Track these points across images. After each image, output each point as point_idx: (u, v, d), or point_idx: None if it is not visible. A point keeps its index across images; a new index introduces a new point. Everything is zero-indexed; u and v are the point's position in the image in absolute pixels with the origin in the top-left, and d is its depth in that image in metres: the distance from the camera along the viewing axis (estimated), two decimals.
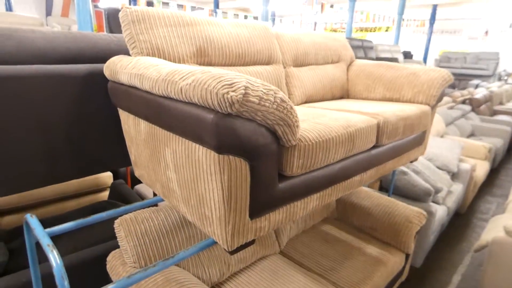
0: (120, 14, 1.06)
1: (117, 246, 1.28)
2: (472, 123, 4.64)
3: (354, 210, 1.81)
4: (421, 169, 2.21)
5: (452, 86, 11.01)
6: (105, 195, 2.17)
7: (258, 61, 1.34)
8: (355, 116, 1.10)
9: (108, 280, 1.18)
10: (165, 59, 1.07)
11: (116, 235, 1.13)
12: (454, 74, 10.87)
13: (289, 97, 1.45)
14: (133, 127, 1.06)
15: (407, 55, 9.42)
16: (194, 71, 0.72)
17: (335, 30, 14.79)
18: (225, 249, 0.80)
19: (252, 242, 0.87)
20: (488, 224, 2.10)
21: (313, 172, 0.95)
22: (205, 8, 8.03)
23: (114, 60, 1.04)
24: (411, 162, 1.65)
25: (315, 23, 13.38)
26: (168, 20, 1.09)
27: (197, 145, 0.75)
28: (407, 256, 1.68)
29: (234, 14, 8.77)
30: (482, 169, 3.09)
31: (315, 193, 0.99)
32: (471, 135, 4.50)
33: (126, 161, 1.26)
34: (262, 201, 0.82)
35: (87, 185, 2.12)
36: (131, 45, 1.04)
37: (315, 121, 0.98)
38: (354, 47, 6.14)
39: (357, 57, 5.98)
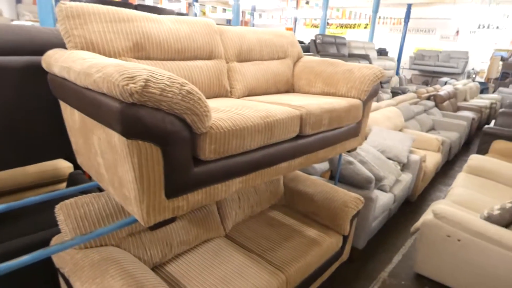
0: (56, 10, 1.12)
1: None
2: (433, 118, 4.91)
3: (299, 197, 1.95)
4: (368, 159, 2.38)
5: (426, 83, 11.49)
6: (64, 186, 2.20)
7: (199, 56, 1.42)
8: (279, 108, 1.21)
9: (51, 263, 1.25)
10: (100, 54, 1.13)
11: (57, 218, 1.20)
12: (427, 72, 11.34)
13: (230, 91, 1.55)
14: (70, 117, 1.13)
15: (382, 52, 9.71)
16: (109, 65, 0.80)
17: (316, 26, 14.98)
18: (143, 225, 0.90)
19: (172, 219, 0.97)
20: (428, 209, 2.30)
21: (232, 158, 1.05)
22: (182, 1, 7.97)
23: (50, 53, 1.10)
24: (349, 152, 1.80)
25: (295, 19, 13.50)
26: (104, 16, 1.15)
27: (114, 132, 0.84)
28: (345, 238, 1.83)
29: (212, 7, 8.74)
30: (432, 160, 3.32)
31: (237, 177, 1.10)
32: (431, 129, 4.77)
33: (69, 149, 1.32)
34: (178, 182, 0.92)
35: (45, 176, 2.14)
36: (66, 39, 1.10)
37: (236, 112, 1.08)
38: (327, 43, 6.30)
39: (329, 54, 6.13)
